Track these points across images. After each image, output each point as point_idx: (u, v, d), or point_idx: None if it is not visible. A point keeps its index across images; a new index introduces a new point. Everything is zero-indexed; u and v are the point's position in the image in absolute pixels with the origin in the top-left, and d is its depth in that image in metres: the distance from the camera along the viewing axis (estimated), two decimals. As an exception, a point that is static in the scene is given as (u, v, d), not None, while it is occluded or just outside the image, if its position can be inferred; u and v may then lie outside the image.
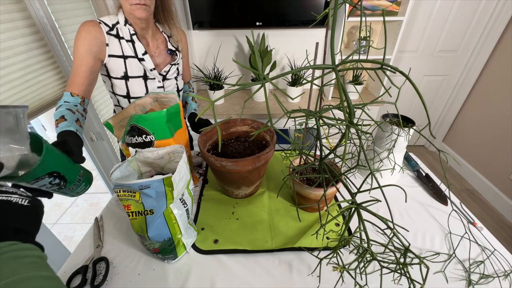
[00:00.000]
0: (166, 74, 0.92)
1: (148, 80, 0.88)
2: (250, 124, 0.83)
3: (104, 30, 0.78)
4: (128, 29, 0.82)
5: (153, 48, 0.90)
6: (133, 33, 0.82)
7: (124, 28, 0.82)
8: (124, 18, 0.81)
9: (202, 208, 0.75)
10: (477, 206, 1.90)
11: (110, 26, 0.80)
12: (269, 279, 0.56)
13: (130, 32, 0.82)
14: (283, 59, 1.95)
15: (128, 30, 0.82)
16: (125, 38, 0.82)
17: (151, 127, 0.62)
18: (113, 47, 0.81)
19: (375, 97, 1.92)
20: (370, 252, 0.39)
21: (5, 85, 0.95)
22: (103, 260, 0.60)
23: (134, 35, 0.83)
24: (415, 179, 0.87)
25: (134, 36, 0.82)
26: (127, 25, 0.81)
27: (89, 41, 0.75)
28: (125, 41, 0.82)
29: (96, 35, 0.77)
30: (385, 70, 0.35)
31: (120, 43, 0.81)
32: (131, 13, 0.77)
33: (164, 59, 0.93)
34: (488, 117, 1.94)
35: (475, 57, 1.98)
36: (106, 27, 0.79)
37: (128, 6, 0.75)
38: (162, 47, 0.93)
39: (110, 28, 0.80)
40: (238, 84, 0.35)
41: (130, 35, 0.82)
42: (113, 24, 0.81)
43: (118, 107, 0.94)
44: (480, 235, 0.66)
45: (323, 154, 0.56)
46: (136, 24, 0.82)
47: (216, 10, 1.67)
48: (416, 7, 1.81)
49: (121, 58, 0.82)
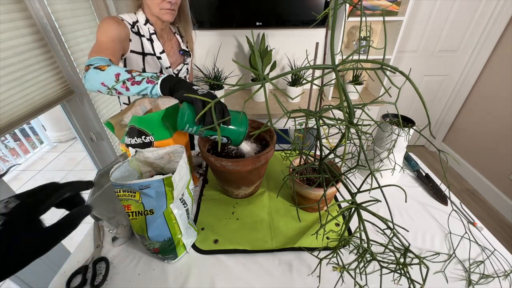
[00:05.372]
0: (178, 73, 0.96)
1: None
2: (250, 124, 0.83)
3: (128, 27, 0.81)
4: (148, 28, 0.85)
5: (168, 48, 0.94)
6: (152, 32, 0.85)
7: (144, 27, 0.85)
8: (144, 17, 0.83)
9: (202, 208, 0.75)
10: (477, 206, 1.90)
11: (131, 24, 0.82)
12: (269, 279, 0.56)
13: (150, 32, 0.85)
14: (283, 59, 1.94)
15: (148, 29, 0.85)
16: (146, 37, 0.85)
17: (150, 127, 0.62)
18: (135, 44, 0.83)
19: (375, 97, 1.92)
20: (370, 252, 0.39)
21: (5, 85, 0.95)
22: (103, 260, 0.60)
23: (153, 34, 0.86)
24: (415, 179, 0.87)
25: (153, 36, 0.86)
26: (148, 25, 0.84)
27: (118, 28, 0.77)
28: (146, 39, 0.85)
29: (124, 28, 0.79)
30: (385, 70, 0.35)
31: (141, 40, 0.84)
32: (160, 16, 0.81)
33: (177, 59, 0.97)
34: (488, 117, 1.94)
35: (475, 57, 1.98)
36: (128, 24, 0.82)
37: (157, 10, 0.79)
38: (175, 47, 0.97)
39: (131, 26, 0.82)
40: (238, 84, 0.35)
41: (150, 34, 0.85)
42: (133, 22, 0.83)
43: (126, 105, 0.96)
44: (480, 235, 0.66)
45: (323, 154, 0.56)
46: (157, 25, 0.86)
47: (216, 10, 1.67)
48: (416, 7, 1.81)
49: (141, 55, 0.85)
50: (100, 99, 1.49)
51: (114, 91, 0.59)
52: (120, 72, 0.58)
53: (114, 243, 0.64)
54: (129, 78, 0.58)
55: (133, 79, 0.57)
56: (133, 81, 0.57)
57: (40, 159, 2.54)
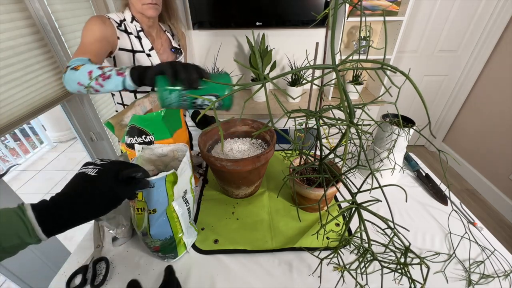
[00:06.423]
0: None
1: None
2: (250, 124, 0.83)
3: (114, 25, 0.81)
4: (135, 26, 0.85)
5: (158, 45, 0.93)
6: (139, 29, 0.85)
7: (131, 25, 0.85)
8: (131, 15, 0.84)
9: (202, 208, 0.75)
10: (477, 206, 1.90)
11: (118, 22, 0.82)
12: (269, 279, 0.56)
13: (137, 29, 0.85)
14: (283, 59, 1.94)
15: (135, 27, 0.85)
16: (133, 34, 0.85)
17: (150, 127, 0.62)
18: (123, 41, 0.83)
19: (375, 97, 1.92)
20: (370, 252, 0.39)
21: (5, 85, 0.95)
22: (103, 260, 0.60)
23: (140, 32, 0.85)
24: (415, 179, 0.87)
25: (141, 33, 0.86)
26: (134, 22, 0.84)
27: (103, 27, 0.77)
28: (134, 37, 0.85)
29: (109, 26, 0.79)
30: (385, 70, 0.35)
31: (129, 38, 0.84)
32: (143, 12, 0.81)
33: (168, 57, 0.96)
34: (488, 117, 1.94)
35: (475, 57, 1.98)
36: (115, 22, 0.82)
37: (139, 5, 0.79)
38: (166, 45, 0.96)
39: (118, 24, 0.82)
40: (238, 84, 0.35)
41: (137, 32, 0.85)
42: (120, 21, 0.83)
43: (120, 105, 0.95)
44: (480, 235, 0.66)
45: (323, 154, 0.56)
46: (143, 22, 0.86)
47: (216, 10, 1.67)
48: (416, 7, 1.81)
49: (130, 53, 0.85)
50: (100, 99, 1.49)
51: (91, 89, 0.60)
52: (92, 69, 0.59)
53: (114, 243, 0.64)
54: (101, 74, 0.58)
55: (104, 75, 0.58)
56: (104, 76, 0.58)
57: (40, 159, 2.54)
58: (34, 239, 0.32)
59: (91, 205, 0.36)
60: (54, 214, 0.33)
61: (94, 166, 0.39)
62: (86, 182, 0.37)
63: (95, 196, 0.36)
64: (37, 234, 0.32)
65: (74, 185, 0.37)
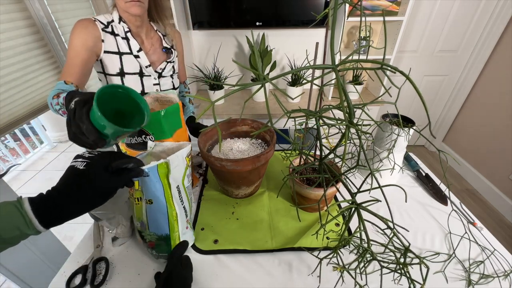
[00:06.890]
0: (162, 72, 0.93)
1: (144, 77, 0.89)
2: (250, 124, 0.83)
3: (99, 27, 0.80)
4: (123, 27, 0.83)
5: (148, 45, 0.91)
6: (127, 30, 0.84)
7: (118, 26, 0.83)
8: (118, 16, 0.82)
9: (202, 208, 0.75)
10: (477, 206, 1.90)
11: (105, 24, 0.81)
12: (269, 279, 0.56)
13: (124, 30, 0.83)
14: (283, 59, 1.94)
15: (123, 28, 0.83)
16: (120, 35, 0.83)
17: (150, 127, 0.62)
18: (109, 44, 0.82)
19: (375, 97, 1.92)
20: (370, 252, 0.39)
21: (5, 85, 0.95)
22: (103, 260, 0.60)
23: (128, 33, 0.84)
24: (415, 179, 0.87)
25: (128, 34, 0.84)
26: (121, 23, 0.83)
27: (85, 35, 0.76)
28: (121, 38, 0.83)
29: (92, 31, 0.78)
30: (385, 70, 0.35)
31: (115, 40, 0.83)
32: (126, 10, 0.78)
33: (159, 57, 0.94)
34: (488, 117, 1.94)
35: (475, 57, 1.98)
36: (101, 24, 0.81)
37: (123, 3, 0.77)
38: (157, 45, 0.94)
39: (105, 26, 0.81)
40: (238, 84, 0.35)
41: (125, 33, 0.84)
42: (108, 22, 0.82)
43: None
44: (480, 235, 0.66)
45: (323, 154, 0.56)
46: (130, 22, 0.84)
47: (216, 10, 1.67)
48: (416, 7, 1.81)
49: (117, 55, 0.83)
50: (100, 99, 1.49)
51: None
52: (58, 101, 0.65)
53: (114, 243, 0.64)
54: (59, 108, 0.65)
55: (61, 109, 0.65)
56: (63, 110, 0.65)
57: (40, 159, 2.54)
58: (32, 230, 0.34)
59: (83, 198, 0.38)
60: (49, 207, 0.35)
61: (82, 160, 0.40)
62: (75, 176, 0.38)
63: (85, 189, 0.38)
64: (35, 226, 0.34)
65: (65, 179, 0.38)
